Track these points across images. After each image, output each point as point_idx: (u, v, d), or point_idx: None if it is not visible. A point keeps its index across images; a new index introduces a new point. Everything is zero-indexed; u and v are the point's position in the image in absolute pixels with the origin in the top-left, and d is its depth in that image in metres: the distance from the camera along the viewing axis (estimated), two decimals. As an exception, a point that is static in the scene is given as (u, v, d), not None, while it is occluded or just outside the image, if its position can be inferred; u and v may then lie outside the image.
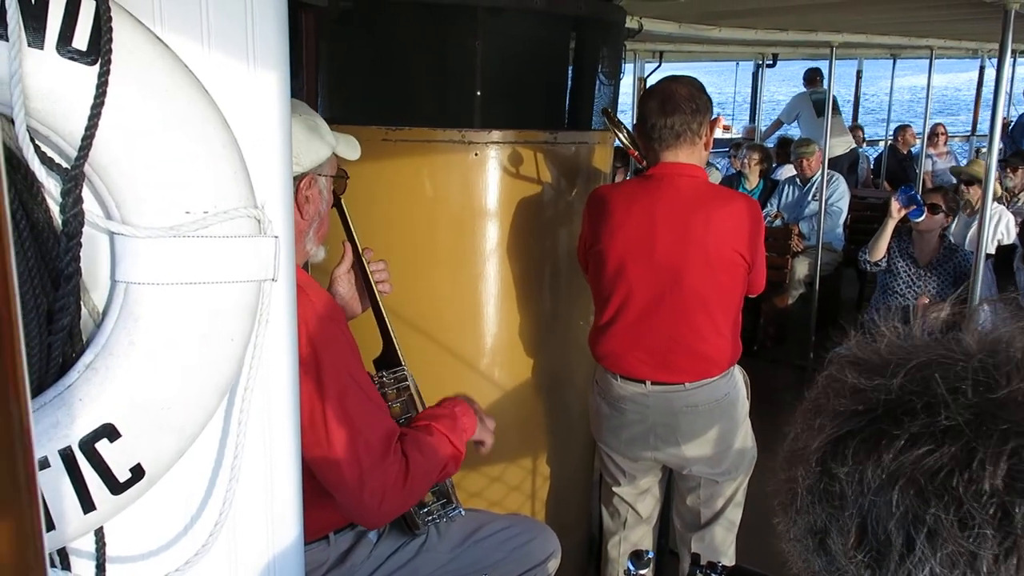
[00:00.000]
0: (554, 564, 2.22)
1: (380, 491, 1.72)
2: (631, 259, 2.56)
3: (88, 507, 1.07)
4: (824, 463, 0.71)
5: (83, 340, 1.10)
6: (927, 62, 7.75)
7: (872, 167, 10.42)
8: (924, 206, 4.62)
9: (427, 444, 1.85)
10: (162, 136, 1.05)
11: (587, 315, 3.00)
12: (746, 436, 2.80)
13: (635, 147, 2.77)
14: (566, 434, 3.14)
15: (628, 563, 1.49)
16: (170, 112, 1.05)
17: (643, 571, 1.47)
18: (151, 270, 1.06)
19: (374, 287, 2.12)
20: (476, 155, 2.73)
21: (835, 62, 6.10)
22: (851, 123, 11.03)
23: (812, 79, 9.43)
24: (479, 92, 2.76)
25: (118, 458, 1.07)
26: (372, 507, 1.73)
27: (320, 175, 1.81)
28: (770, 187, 7.26)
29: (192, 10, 1.10)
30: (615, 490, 2.93)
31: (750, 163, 7.30)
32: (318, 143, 1.78)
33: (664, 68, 7.63)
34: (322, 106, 2.84)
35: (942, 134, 9.92)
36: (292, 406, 1.31)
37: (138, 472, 1.09)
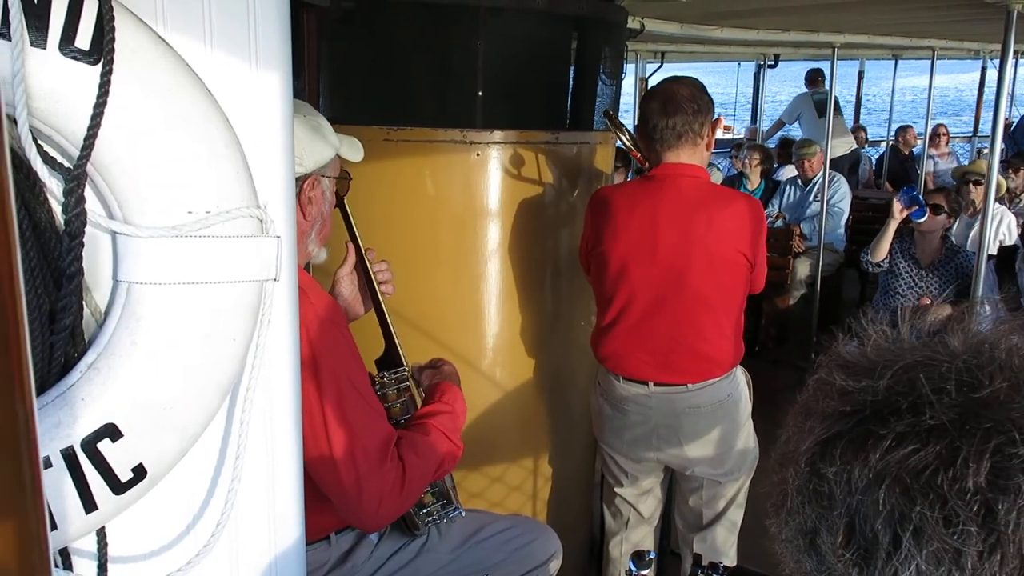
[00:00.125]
0: (555, 565, 2.22)
1: (377, 496, 1.72)
2: (633, 260, 2.56)
3: (90, 507, 1.07)
4: (813, 464, 0.72)
5: (85, 340, 1.10)
6: (929, 63, 7.75)
7: (874, 168, 10.41)
8: (926, 207, 4.61)
9: (424, 445, 1.85)
10: (164, 136, 1.04)
11: (588, 315, 3.00)
12: (748, 437, 2.80)
13: (636, 148, 2.77)
14: (567, 434, 3.14)
15: (630, 563, 1.48)
16: (172, 112, 1.05)
17: (644, 571, 1.47)
18: (153, 270, 1.06)
19: (377, 288, 2.12)
20: (478, 155, 2.73)
21: (837, 63, 6.11)
22: (853, 124, 11.03)
23: (814, 80, 9.42)
24: (481, 92, 2.76)
25: (120, 458, 1.07)
26: (370, 511, 1.73)
27: (323, 176, 1.81)
28: (771, 188, 7.26)
29: (194, 10, 1.10)
30: (617, 491, 2.93)
31: (751, 163, 7.30)
32: (321, 144, 1.78)
33: (666, 68, 7.63)
34: (324, 106, 2.84)
35: (944, 135, 9.91)
36: (294, 406, 1.31)
37: (140, 472, 1.09)
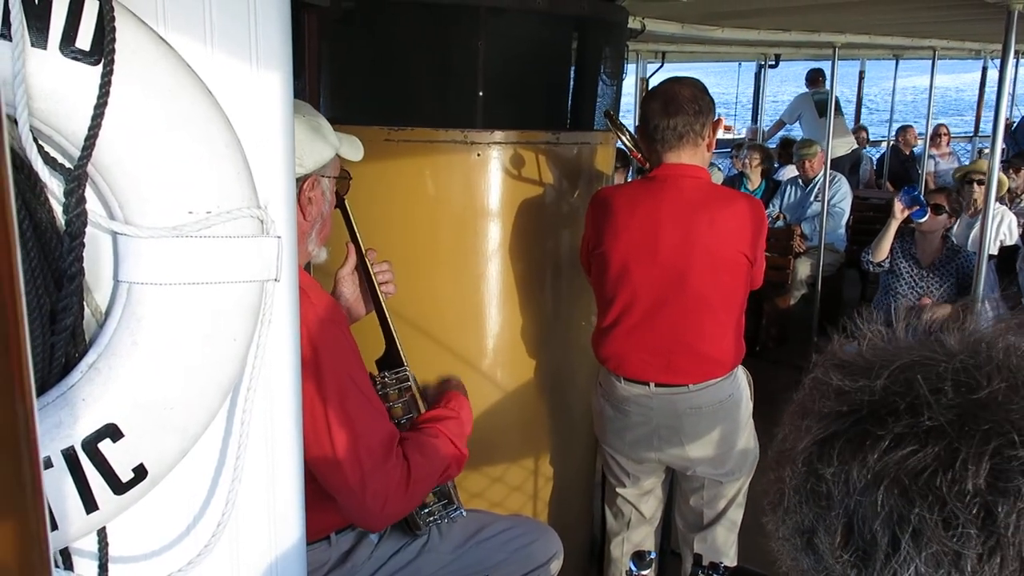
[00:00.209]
0: (556, 565, 2.22)
1: (383, 494, 1.72)
2: (635, 261, 2.56)
3: (91, 507, 1.07)
4: (810, 464, 0.72)
5: (86, 340, 1.10)
6: (930, 63, 7.75)
7: (875, 168, 10.41)
8: (927, 207, 4.61)
9: (429, 447, 1.85)
10: (165, 136, 1.04)
11: (589, 316, 3.00)
12: (749, 437, 2.80)
13: (637, 148, 2.77)
14: (568, 434, 3.14)
15: (630, 563, 1.48)
16: (173, 112, 1.05)
17: (645, 571, 1.46)
18: (154, 270, 1.06)
19: (377, 288, 2.12)
20: (478, 155, 2.73)
21: (838, 62, 6.10)
22: (854, 124, 11.02)
23: (814, 80, 9.42)
24: (481, 92, 2.76)
25: (121, 458, 1.07)
26: (375, 510, 1.73)
27: (323, 176, 1.81)
28: (772, 188, 7.27)
29: (195, 10, 1.10)
30: (619, 491, 2.93)
31: (751, 163, 7.31)
32: (321, 144, 1.78)
33: (666, 69, 7.62)
34: (324, 106, 2.84)
35: (945, 135, 9.91)
36: (294, 406, 1.31)
37: (141, 472, 1.09)
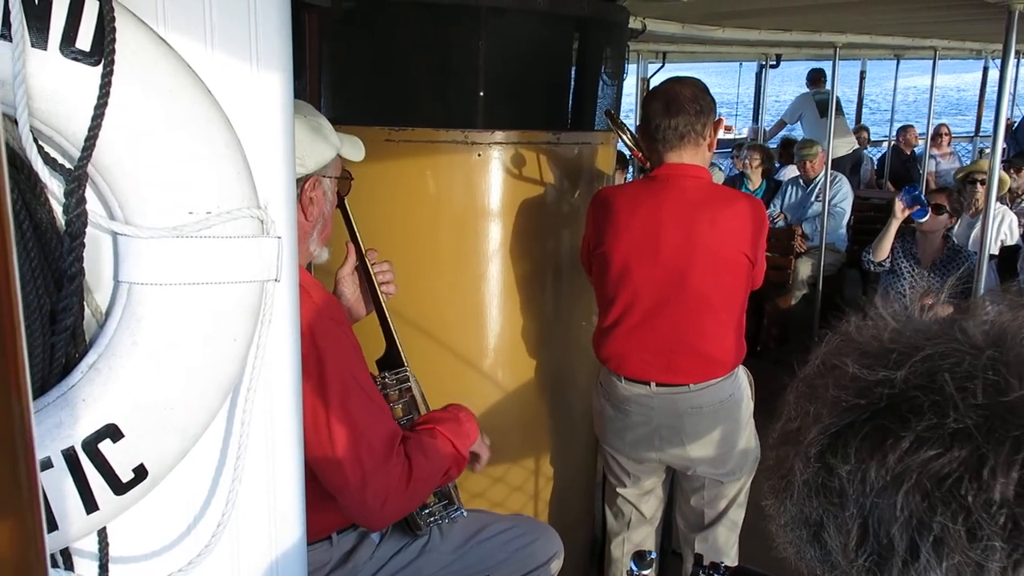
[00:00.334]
0: (557, 565, 2.22)
1: (383, 493, 1.72)
2: (636, 261, 2.56)
3: (91, 507, 1.07)
4: (823, 458, 0.68)
5: (86, 340, 1.10)
6: (931, 62, 7.75)
7: (876, 168, 10.40)
8: (928, 206, 4.61)
9: (430, 447, 1.85)
10: (165, 136, 1.04)
11: (590, 315, 3.00)
12: (750, 437, 2.80)
13: (638, 148, 2.77)
14: (569, 435, 3.14)
15: (631, 564, 1.48)
16: (173, 112, 1.05)
17: (646, 571, 1.47)
18: (154, 270, 1.06)
19: (378, 288, 2.12)
20: (479, 156, 2.73)
21: (838, 62, 6.10)
22: (855, 124, 11.01)
23: (815, 80, 9.41)
24: (482, 93, 2.76)
25: (121, 458, 1.07)
26: (375, 509, 1.73)
27: (325, 176, 1.81)
28: (773, 188, 7.27)
29: (195, 10, 1.10)
30: (619, 491, 2.93)
31: (752, 164, 7.31)
32: (323, 144, 1.78)
33: (667, 69, 7.62)
34: (325, 106, 2.84)
35: (946, 135, 9.90)
36: (295, 406, 1.31)
37: (141, 472, 1.09)
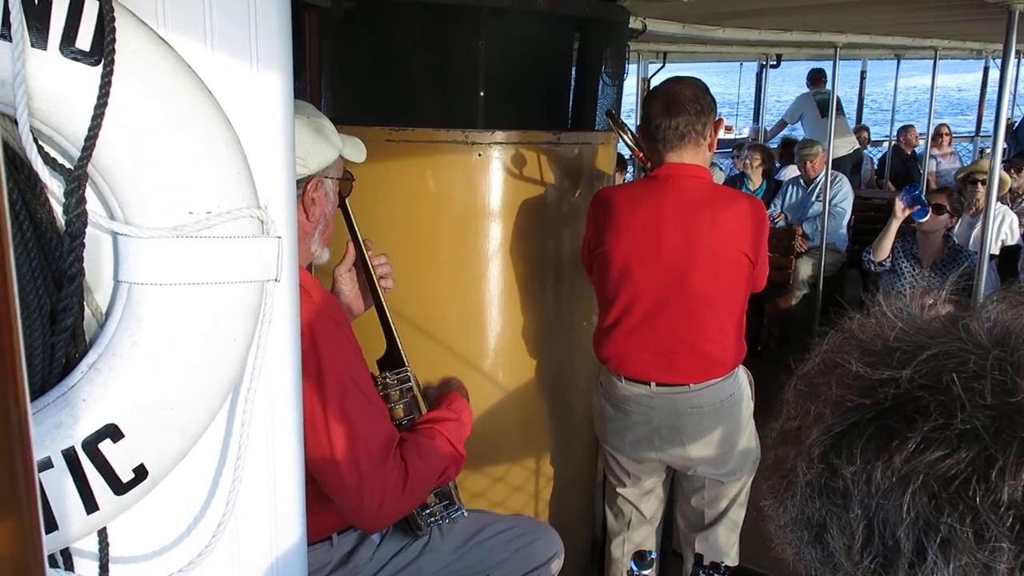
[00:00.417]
0: (557, 565, 2.22)
1: (379, 496, 1.72)
2: (636, 261, 2.56)
3: (91, 507, 1.07)
4: (827, 459, 0.68)
5: (86, 341, 1.10)
6: (931, 62, 7.75)
7: (876, 168, 10.40)
8: (928, 206, 4.61)
9: (427, 448, 1.84)
10: (165, 136, 1.04)
11: (590, 315, 3.00)
12: (750, 437, 2.80)
13: (639, 148, 2.77)
14: (569, 434, 3.14)
15: (631, 563, 1.48)
16: (173, 112, 1.05)
17: (646, 571, 1.47)
18: (154, 270, 1.06)
19: (377, 284, 2.11)
20: (479, 156, 2.73)
21: (839, 62, 6.10)
22: (855, 124, 11.01)
23: (816, 80, 9.41)
24: (482, 93, 2.76)
25: (121, 458, 1.07)
26: (371, 511, 1.73)
27: (327, 177, 1.81)
28: (774, 188, 7.26)
29: (195, 10, 1.09)
30: (619, 491, 2.93)
31: (752, 164, 7.31)
32: (325, 145, 1.78)
33: (668, 69, 7.62)
34: (325, 107, 2.84)
35: (946, 135, 9.90)
36: (295, 406, 1.31)
37: (141, 472, 1.09)
